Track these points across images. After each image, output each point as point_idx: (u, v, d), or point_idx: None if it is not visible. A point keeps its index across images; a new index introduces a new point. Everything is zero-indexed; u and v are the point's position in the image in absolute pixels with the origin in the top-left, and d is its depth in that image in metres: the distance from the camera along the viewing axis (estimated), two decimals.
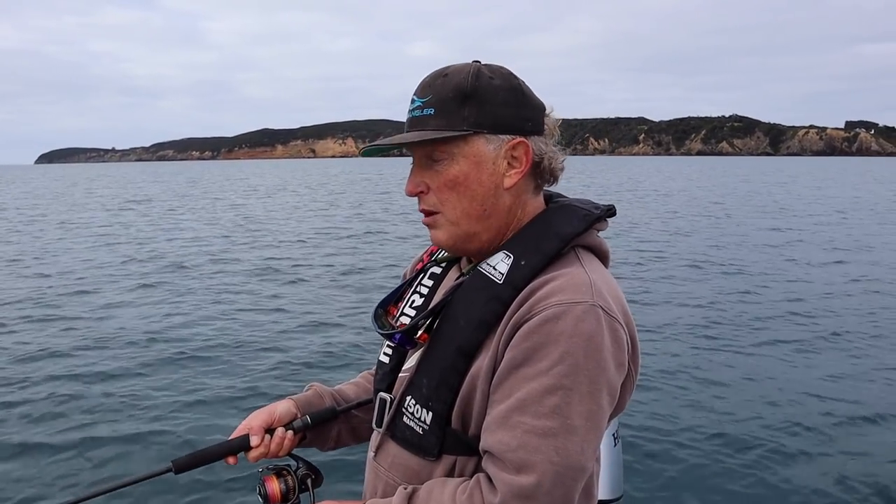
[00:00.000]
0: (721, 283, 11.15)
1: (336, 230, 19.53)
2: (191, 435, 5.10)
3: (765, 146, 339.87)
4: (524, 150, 1.24)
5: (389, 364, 1.39)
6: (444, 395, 1.22)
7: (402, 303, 1.45)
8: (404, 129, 1.29)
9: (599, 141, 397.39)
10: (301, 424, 1.47)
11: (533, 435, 1.09)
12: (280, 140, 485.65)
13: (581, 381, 1.10)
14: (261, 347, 7.47)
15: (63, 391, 6.08)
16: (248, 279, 11.75)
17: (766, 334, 8.04)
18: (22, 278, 11.93)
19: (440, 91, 1.23)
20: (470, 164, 1.23)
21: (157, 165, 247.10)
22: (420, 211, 1.31)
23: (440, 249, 1.47)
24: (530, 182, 1.29)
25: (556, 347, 1.10)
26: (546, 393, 1.09)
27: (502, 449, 1.10)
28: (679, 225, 20.03)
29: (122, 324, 8.55)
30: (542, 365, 1.11)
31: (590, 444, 1.12)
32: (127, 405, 5.72)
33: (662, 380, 6.27)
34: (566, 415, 1.09)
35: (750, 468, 4.60)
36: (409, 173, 1.31)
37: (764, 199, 31.38)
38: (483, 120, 1.22)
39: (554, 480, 1.07)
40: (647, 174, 65.82)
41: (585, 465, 1.11)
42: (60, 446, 4.92)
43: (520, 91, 1.26)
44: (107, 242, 16.94)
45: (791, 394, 6.02)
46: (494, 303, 1.20)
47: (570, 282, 1.16)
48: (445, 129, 1.22)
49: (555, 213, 1.30)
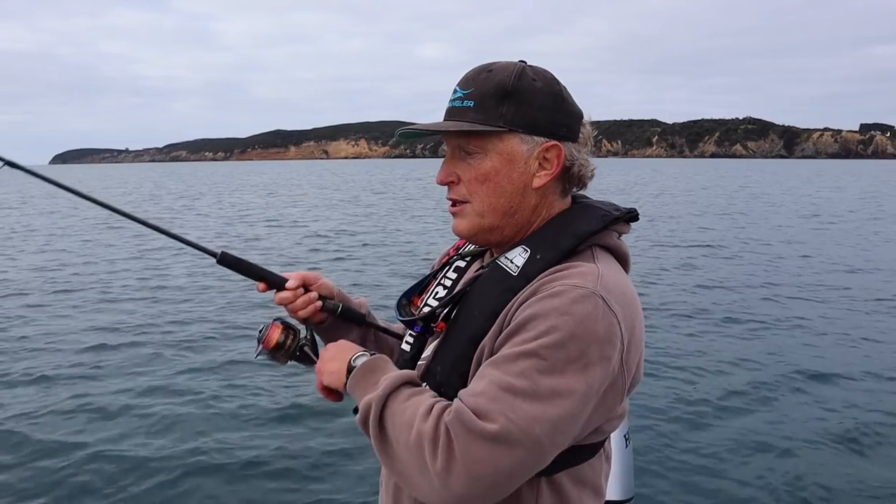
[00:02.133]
0: (745, 285, 11.07)
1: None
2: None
3: (779, 149, 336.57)
4: (556, 153, 1.27)
5: (410, 352, 1.43)
6: (455, 381, 1.25)
7: (426, 294, 1.51)
8: (443, 119, 1.31)
9: (612, 143, 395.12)
10: (332, 306, 1.57)
11: (496, 386, 1.10)
12: (293, 141, 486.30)
13: (559, 357, 1.10)
14: None
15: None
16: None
17: (786, 332, 8.01)
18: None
19: (482, 86, 1.26)
20: (502, 161, 1.26)
21: (175, 166, 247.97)
22: (448, 199, 1.34)
23: (466, 243, 1.52)
24: (558, 185, 1.32)
25: (545, 321, 1.12)
26: (522, 355, 1.11)
27: (468, 393, 1.13)
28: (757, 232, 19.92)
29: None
30: (528, 334, 1.13)
31: (548, 421, 1.08)
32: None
33: (675, 379, 6.26)
34: (533, 380, 1.09)
35: (764, 470, 4.59)
36: (443, 162, 1.34)
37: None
38: (520, 119, 1.25)
39: (506, 435, 1.06)
40: (710, 179, 64.70)
41: (538, 437, 1.08)
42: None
43: (559, 96, 1.28)
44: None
45: (813, 396, 5.98)
46: (507, 293, 1.23)
47: (578, 271, 1.19)
48: (482, 124, 1.24)
49: (575, 212, 1.33)
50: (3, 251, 15.54)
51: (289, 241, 17.22)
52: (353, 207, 28.62)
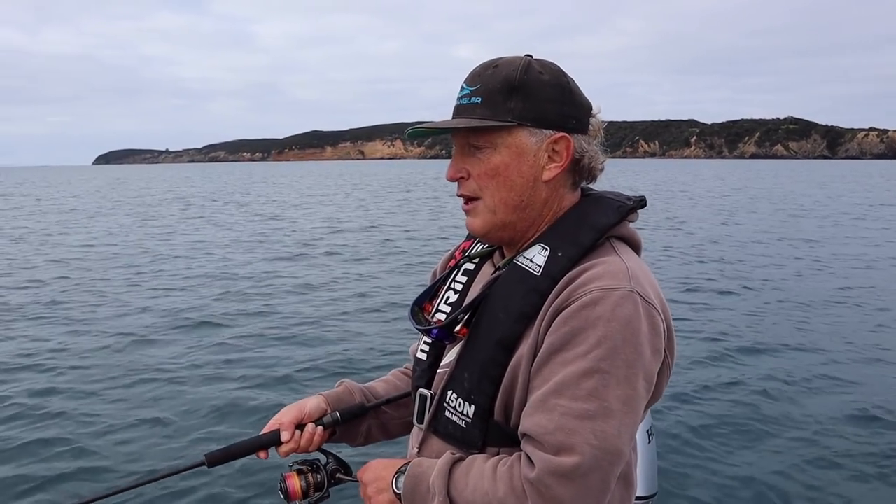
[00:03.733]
0: (772, 281, 10.93)
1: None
2: (222, 427, 5.22)
3: (822, 149, 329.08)
4: (565, 145, 1.26)
5: (427, 361, 1.41)
6: (486, 387, 1.24)
7: (436, 299, 1.48)
8: (452, 116, 1.31)
9: (650, 143, 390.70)
10: (331, 420, 1.49)
11: (570, 417, 1.09)
12: (329, 142, 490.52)
13: (618, 365, 1.11)
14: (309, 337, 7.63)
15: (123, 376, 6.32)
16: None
17: (813, 329, 7.91)
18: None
19: (489, 81, 1.25)
20: (511, 155, 1.26)
21: (213, 166, 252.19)
22: (459, 195, 1.34)
23: (472, 245, 1.50)
24: (569, 178, 1.31)
25: (594, 332, 1.11)
26: (584, 376, 1.10)
27: (540, 431, 1.11)
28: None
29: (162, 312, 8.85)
30: (580, 349, 1.12)
31: (627, 429, 1.11)
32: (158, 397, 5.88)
33: (697, 375, 6.21)
34: (603, 398, 1.09)
35: (788, 469, 4.53)
36: (451, 159, 1.33)
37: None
38: (528, 113, 1.24)
39: (592, 463, 1.08)
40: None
41: (623, 450, 1.11)
42: (103, 436, 5.04)
43: (567, 88, 1.27)
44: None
45: (849, 391, 5.87)
46: (533, 294, 1.22)
47: (607, 269, 1.18)
48: (490, 119, 1.24)
49: (589, 205, 1.32)
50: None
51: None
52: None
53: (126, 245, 16.69)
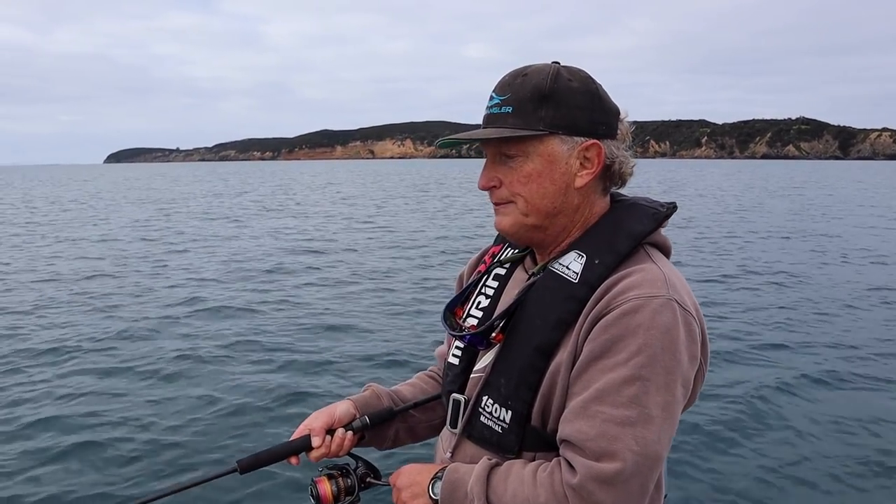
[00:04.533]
0: (795, 285, 10.87)
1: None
2: (253, 430, 5.21)
3: (834, 149, 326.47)
4: (597, 152, 1.27)
5: (460, 365, 1.42)
6: (524, 393, 1.25)
7: (467, 304, 1.48)
8: (482, 126, 1.32)
9: (660, 144, 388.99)
10: (360, 425, 1.50)
11: (612, 424, 1.11)
12: (339, 141, 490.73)
13: (658, 372, 1.13)
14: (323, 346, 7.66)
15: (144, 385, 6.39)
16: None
17: (827, 332, 7.86)
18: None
19: (519, 90, 1.26)
20: (543, 163, 1.26)
21: (224, 165, 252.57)
22: (492, 202, 1.35)
23: (502, 251, 1.51)
24: (599, 183, 1.32)
25: (635, 339, 1.13)
26: (624, 383, 1.12)
27: (581, 437, 1.13)
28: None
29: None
30: (620, 356, 1.14)
31: (666, 434, 1.14)
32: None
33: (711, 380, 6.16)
34: (644, 404, 1.11)
35: (799, 476, 4.51)
36: (483, 168, 1.34)
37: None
38: (559, 121, 1.25)
39: (633, 469, 1.09)
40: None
41: (662, 455, 1.14)
42: (127, 445, 4.98)
43: (596, 95, 1.28)
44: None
45: (857, 398, 5.84)
46: (571, 301, 1.23)
47: (645, 277, 1.19)
48: (522, 128, 1.25)
49: (623, 211, 1.33)
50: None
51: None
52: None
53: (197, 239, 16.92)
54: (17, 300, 9.95)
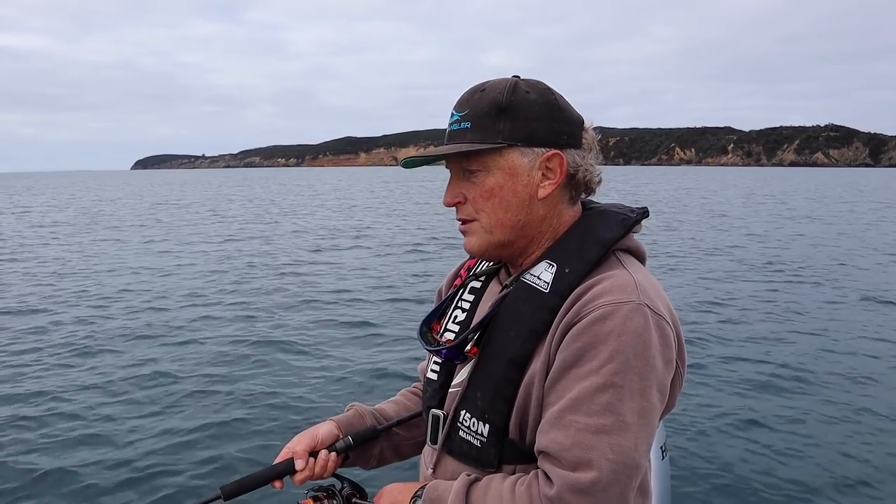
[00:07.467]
0: (794, 291, 10.65)
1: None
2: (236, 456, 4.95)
3: (864, 157, 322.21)
4: (558, 162, 1.26)
5: (438, 380, 1.41)
6: (500, 406, 1.24)
7: (444, 319, 1.47)
8: (445, 143, 1.31)
9: (685, 151, 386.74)
10: (343, 445, 1.49)
11: (587, 433, 1.10)
12: (363, 148, 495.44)
13: (631, 378, 1.11)
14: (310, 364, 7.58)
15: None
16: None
17: (834, 340, 7.73)
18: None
19: (476, 106, 1.26)
20: (505, 176, 1.26)
21: (248, 171, 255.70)
22: (458, 219, 1.34)
23: (477, 264, 1.51)
24: (565, 193, 1.31)
25: (606, 346, 1.12)
26: (598, 391, 1.11)
27: (557, 448, 1.12)
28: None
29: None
30: (593, 364, 1.12)
31: (643, 441, 1.12)
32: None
33: (712, 390, 5.97)
34: (619, 412, 1.10)
35: (799, 476, 4.48)
36: (448, 185, 1.34)
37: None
38: (517, 133, 1.25)
39: (610, 477, 1.08)
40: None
41: (640, 462, 1.12)
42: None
43: (555, 105, 1.28)
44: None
45: (861, 402, 5.78)
46: (542, 311, 1.22)
47: (615, 283, 1.18)
48: (481, 142, 1.25)
49: (592, 219, 1.32)
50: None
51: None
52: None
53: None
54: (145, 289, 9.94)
